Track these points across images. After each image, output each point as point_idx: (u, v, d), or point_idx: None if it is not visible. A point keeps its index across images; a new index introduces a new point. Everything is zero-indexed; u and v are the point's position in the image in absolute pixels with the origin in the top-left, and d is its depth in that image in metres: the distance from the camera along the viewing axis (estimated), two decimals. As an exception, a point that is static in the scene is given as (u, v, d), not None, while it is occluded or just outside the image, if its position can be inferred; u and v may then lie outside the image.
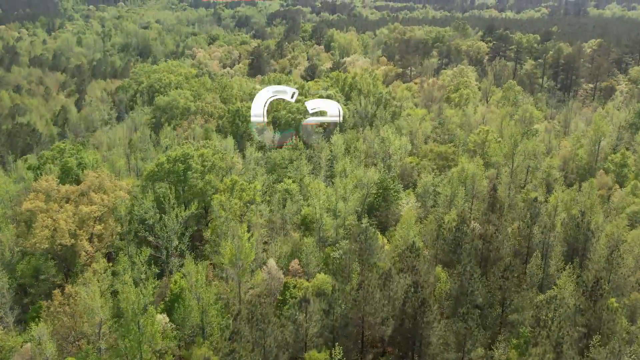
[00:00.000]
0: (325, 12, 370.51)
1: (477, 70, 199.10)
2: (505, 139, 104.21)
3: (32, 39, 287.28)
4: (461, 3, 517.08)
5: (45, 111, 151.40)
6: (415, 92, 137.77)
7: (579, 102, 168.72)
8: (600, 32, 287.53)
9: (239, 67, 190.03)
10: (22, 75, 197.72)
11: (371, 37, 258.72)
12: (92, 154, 79.37)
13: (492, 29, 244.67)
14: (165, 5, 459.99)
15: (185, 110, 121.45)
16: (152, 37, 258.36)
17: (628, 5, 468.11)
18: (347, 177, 77.99)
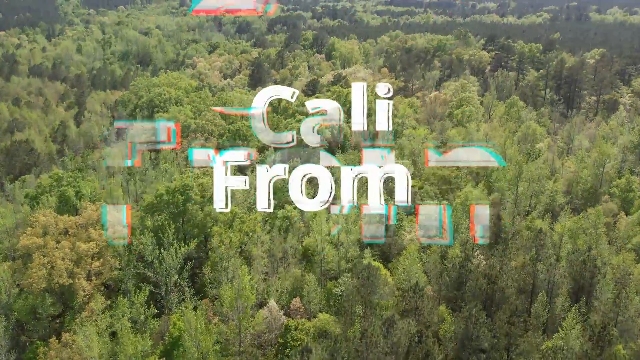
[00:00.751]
0: (327, 18, 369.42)
1: (479, 81, 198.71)
2: (509, 162, 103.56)
3: (32, 46, 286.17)
4: (462, 7, 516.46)
5: (44, 125, 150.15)
6: (417, 107, 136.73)
7: (582, 115, 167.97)
8: (602, 40, 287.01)
9: (240, 78, 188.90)
10: (22, 85, 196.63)
11: (372, 44, 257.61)
12: (89, 183, 78.22)
13: (493, 37, 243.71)
14: (166, 9, 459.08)
15: (185, 128, 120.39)
16: (152, 44, 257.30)
17: (630, 9, 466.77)
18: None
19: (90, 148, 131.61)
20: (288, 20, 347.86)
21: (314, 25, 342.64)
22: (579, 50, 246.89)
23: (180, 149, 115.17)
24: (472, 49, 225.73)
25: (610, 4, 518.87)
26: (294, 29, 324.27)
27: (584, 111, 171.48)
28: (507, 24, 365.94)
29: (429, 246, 79.69)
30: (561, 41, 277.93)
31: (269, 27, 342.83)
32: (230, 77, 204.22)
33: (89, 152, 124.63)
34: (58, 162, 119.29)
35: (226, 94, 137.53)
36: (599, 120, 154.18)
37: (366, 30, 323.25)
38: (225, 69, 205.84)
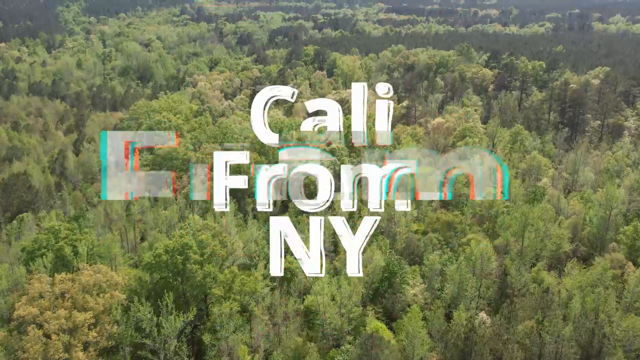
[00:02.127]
0: (328, 28, 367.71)
1: (482, 100, 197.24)
2: (513, 203, 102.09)
3: (32, 60, 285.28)
4: (464, 14, 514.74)
5: (42, 153, 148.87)
6: (420, 136, 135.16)
7: (586, 140, 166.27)
8: (605, 53, 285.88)
9: (240, 99, 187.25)
10: (21, 105, 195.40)
11: (374, 59, 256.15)
12: (87, 237, 76.62)
13: (496, 53, 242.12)
14: (167, 18, 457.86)
15: (186, 161, 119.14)
16: (153, 59, 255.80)
17: (632, 17, 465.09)
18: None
19: (90, 180, 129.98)
20: (289, 32, 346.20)
21: (316, 37, 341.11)
22: (582, 65, 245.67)
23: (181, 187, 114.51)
24: (474, 66, 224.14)
25: (612, 11, 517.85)
26: (296, 41, 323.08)
27: (588, 135, 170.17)
28: (509, 35, 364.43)
29: (433, 300, 78.35)
30: (564, 55, 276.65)
31: (270, 38, 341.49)
32: (232, 95, 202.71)
33: (87, 186, 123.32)
34: (56, 197, 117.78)
35: (226, 123, 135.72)
36: (604, 147, 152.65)
37: (368, 41, 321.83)
38: (225, 87, 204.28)
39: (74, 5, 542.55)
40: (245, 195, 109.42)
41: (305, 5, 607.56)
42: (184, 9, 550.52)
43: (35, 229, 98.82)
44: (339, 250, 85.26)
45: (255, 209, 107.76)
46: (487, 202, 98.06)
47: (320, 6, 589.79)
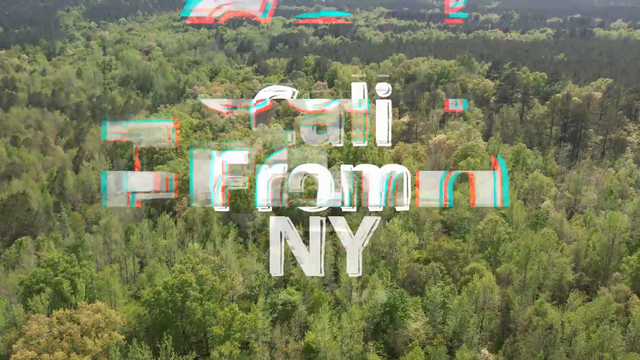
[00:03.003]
0: (329, 35, 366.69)
1: (483, 112, 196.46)
2: (516, 229, 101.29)
3: (32, 68, 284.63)
4: (465, 20, 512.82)
5: (41, 169, 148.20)
6: (421, 154, 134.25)
7: (588, 155, 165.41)
8: (607, 61, 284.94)
9: (240, 114, 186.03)
10: (21, 118, 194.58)
11: (375, 68, 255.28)
12: (86, 270, 75.84)
13: (498, 63, 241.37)
14: (167, 23, 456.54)
15: (186, 183, 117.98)
16: (153, 68, 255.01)
17: (633, 23, 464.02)
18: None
19: (89, 199, 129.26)
20: (290, 39, 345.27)
21: (316, 44, 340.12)
22: (584, 75, 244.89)
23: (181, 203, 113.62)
24: (476, 77, 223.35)
25: (614, 16, 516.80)
26: (296, 48, 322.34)
27: (590, 150, 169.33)
28: (511, 41, 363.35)
29: (435, 335, 77.52)
30: (566, 64, 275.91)
31: (271, 45, 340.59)
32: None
33: (87, 207, 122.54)
34: (55, 218, 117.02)
35: (226, 140, 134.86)
36: (606, 164, 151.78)
37: (369, 49, 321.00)
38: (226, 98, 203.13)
39: (74, 10, 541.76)
40: (246, 217, 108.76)
41: (306, 9, 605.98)
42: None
43: (34, 254, 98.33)
44: (340, 279, 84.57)
45: (255, 232, 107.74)
46: (489, 228, 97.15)
47: (321, 10, 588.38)
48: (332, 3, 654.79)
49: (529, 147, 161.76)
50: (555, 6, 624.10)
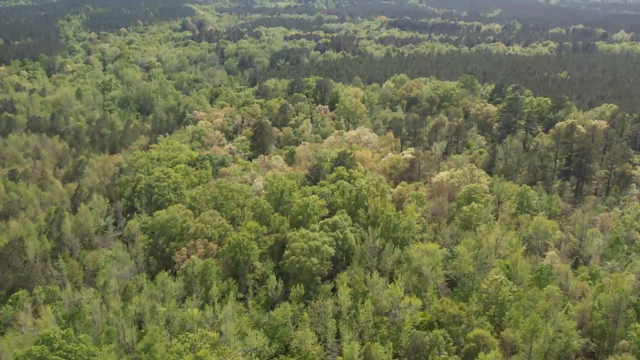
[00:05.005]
0: (330, 50, 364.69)
1: (486, 140, 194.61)
2: (519, 285, 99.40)
3: (32, 86, 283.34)
4: (467, 30, 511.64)
5: (39, 206, 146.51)
6: (424, 196, 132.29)
7: (593, 189, 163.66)
8: (610, 80, 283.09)
9: (241, 141, 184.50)
10: (19, 145, 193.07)
11: (377, 89, 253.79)
12: (82, 351, 73.93)
13: (501, 86, 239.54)
14: (168, 35, 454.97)
15: (184, 230, 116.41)
16: (153, 89, 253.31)
17: (636, 34, 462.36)
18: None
19: (87, 244, 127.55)
20: (291, 55, 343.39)
21: (317, 60, 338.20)
22: (587, 97, 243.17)
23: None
24: (479, 102, 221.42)
25: (616, 25, 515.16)
26: (298, 65, 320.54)
27: (595, 183, 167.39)
28: (513, 56, 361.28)
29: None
30: (569, 83, 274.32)
31: (272, 61, 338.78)
32: (233, 133, 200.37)
33: (85, 253, 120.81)
34: (53, 266, 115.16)
35: (226, 183, 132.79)
36: (611, 201, 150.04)
37: (370, 65, 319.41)
38: (226, 125, 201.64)
39: (75, 19, 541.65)
40: (245, 270, 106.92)
41: (307, 18, 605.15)
42: (185, 22, 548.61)
43: (30, 311, 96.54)
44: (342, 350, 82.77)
45: (256, 287, 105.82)
46: (493, 287, 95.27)
47: (322, 19, 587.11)
48: (334, 12, 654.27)
49: (533, 182, 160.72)
50: (557, 15, 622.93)
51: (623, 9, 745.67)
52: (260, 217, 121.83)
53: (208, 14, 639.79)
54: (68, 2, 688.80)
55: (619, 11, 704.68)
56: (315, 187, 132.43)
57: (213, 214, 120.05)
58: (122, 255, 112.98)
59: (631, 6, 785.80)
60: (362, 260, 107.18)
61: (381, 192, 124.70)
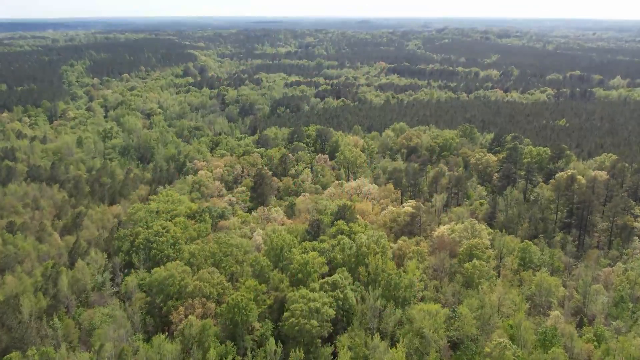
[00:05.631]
0: (330, 97, 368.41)
1: (487, 190, 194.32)
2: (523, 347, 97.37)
3: (33, 133, 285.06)
4: (465, 76, 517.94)
5: (36, 259, 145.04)
6: (425, 252, 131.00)
7: (595, 242, 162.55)
8: (609, 129, 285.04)
9: (241, 192, 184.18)
10: (18, 195, 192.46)
11: (377, 137, 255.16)
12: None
13: (500, 136, 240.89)
14: (169, 81, 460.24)
15: (182, 288, 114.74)
16: (154, 137, 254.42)
17: (632, 81, 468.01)
18: None
19: (83, 301, 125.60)
20: (291, 102, 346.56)
21: (317, 108, 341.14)
22: (586, 146, 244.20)
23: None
24: (478, 151, 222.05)
25: (613, 71, 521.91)
26: (298, 112, 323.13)
27: (597, 236, 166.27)
28: (511, 103, 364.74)
29: None
30: (568, 132, 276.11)
31: (272, 108, 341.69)
32: (233, 183, 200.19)
33: (81, 311, 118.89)
34: (48, 325, 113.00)
35: (225, 239, 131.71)
36: (614, 255, 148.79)
37: (370, 112, 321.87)
38: (226, 175, 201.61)
39: (78, 65, 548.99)
40: (244, 331, 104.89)
41: (307, 64, 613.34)
42: (187, 68, 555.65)
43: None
44: None
45: (254, 349, 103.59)
46: (497, 352, 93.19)
47: (322, 65, 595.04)
48: (334, 57, 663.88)
49: (535, 235, 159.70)
50: (553, 60, 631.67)
51: (618, 54, 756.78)
52: (260, 275, 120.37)
53: (210, 60, 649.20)
54: (72, 48, 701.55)
55: (614, 57, 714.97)
56: (315, 242, 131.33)
57: (212, 271, 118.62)
58: (118, 315, 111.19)
59: (626, 51, 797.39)
60: (362, 321, 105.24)
61: (382, 249, 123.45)
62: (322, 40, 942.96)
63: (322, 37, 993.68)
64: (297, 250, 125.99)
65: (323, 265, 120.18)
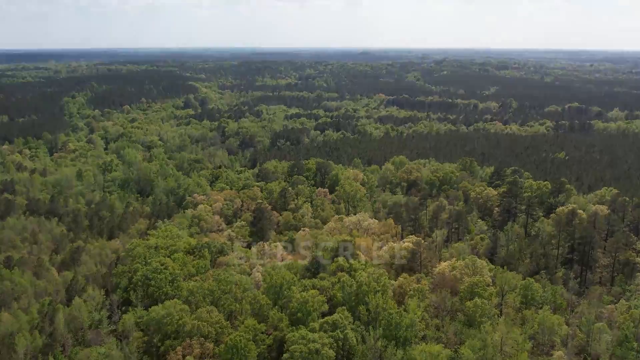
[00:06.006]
0: (330, 130, 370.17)
1: (487, 225, 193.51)
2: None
3: (33, 166, 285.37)
4: (464, 108, 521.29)
5: (33, 296, 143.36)
6: (426, 291, 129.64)
7: (597, 278, 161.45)
8: (608, 161, 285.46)
9: (240, 227, 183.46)
10: (17, 229, 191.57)
11: (377, 171, 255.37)
12: None
13: (500, 169, 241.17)
14: (170, 113, 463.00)
15: (180, 327, 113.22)
16: (154, 170, 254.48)
17: (631, 114, 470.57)
18: None
19: (80, 339, 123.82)
20: (291, 135, 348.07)
21: (317, 140, 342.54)
22: (587, 180, 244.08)
23: None
24: (478, 185, 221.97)
25: (611, 104, 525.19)
26: (298, 145, 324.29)
27: (599, 272, 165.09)
28: (511, 136, 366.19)
29: None
30: (568, 165, 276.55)
31: (273, 141, 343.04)
32: (232, 217, 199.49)
33: (77, 351, 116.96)
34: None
35: (224, 276, 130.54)
36: (616, 291, 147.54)
37: (370, 145, 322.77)
38: (226, 209, 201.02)
39: (79, 96, 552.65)
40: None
41: (307, 95, 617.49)
42: (188, 100, 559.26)
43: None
44: None
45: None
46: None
47: (322, 96, 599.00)
48: (333, 89, 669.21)
49: (536, 271, 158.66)
50: (552, 92, 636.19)
51: (615, 86, 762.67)
52: (259, 313, 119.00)
53: (210, 92, 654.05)
54: (74, 80, 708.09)
55: (612, 88, 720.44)
56: (315, 280, 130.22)
57: (210, 310, 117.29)
58: (115, 355, 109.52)
59: (623, 83, 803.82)
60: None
61: (382, 287, 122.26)
62: (322, 72, 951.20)
63: (322, 69, 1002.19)
64: (296, 288, 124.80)
65: (323, 304, 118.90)
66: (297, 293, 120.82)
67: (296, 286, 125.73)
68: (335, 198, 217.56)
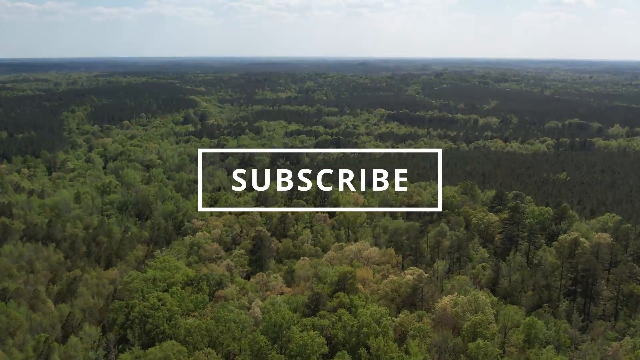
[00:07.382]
0: (330, 147, 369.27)
1: (489, 252, 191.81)
2: None
3: (32, 186, 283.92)
4: (465, 124, 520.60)
5: (28, 331, 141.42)
6: (427, 330, 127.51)
7: (600, 311, 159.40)
8: (610, 182, 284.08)
9: (239, 256, 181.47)
10: (13, 257, 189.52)
11: (378, 195, 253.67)
12: None
13: (501, 193, 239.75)
14: (169, 129, 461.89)
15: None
16: (152, 193, 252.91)
17: (631, 130, 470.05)
18: None
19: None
20: (291, 156, 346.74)
21: (318, 160, 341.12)
22: (588, 203, 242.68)
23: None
24: (480, 210, 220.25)
25: (611, 119, 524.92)
26: (298, 164, 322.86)
27: (603, 304, 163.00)
28: (511, 154, 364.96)
29: None
30: (569, 186, 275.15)
31: (272, 160, 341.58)
32: (231, 245, 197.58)
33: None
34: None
35: (223, 313, 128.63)
36: (621, 326, 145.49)
37: (370, 165, 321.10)
38: (225, 236, 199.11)
39: (79, 111, 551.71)
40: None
41: (307, 110, 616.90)
42: (187, 115, 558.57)
43: None
44: None
45: None
46: None
47: (322, 111, 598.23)
48: (333, 103, 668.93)
49: (539, 304, 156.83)
50: (551, 107, 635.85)
51: (616, 99, 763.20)
52: (257, 355, 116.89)
53: (210, 106, 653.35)
54: (74, 93, 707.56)
55: (612, 102, 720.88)
56: (315, 319, 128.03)
57: (208, 352, 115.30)
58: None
59: (624, 97, 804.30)
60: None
61: (384, 329, 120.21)
62: (322, 85, 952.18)
63: (322, 82, 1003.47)
64: (296, 328, 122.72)
65: (323, 346, 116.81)
66: (297, 333, 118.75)
67: (296, 325, 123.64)
68: (335, 223, 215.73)
